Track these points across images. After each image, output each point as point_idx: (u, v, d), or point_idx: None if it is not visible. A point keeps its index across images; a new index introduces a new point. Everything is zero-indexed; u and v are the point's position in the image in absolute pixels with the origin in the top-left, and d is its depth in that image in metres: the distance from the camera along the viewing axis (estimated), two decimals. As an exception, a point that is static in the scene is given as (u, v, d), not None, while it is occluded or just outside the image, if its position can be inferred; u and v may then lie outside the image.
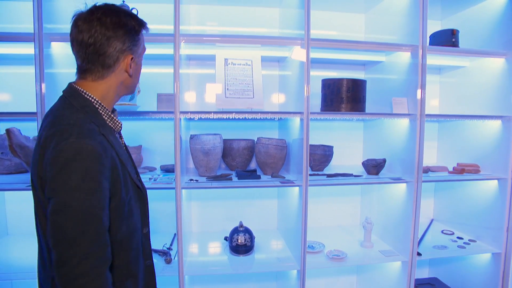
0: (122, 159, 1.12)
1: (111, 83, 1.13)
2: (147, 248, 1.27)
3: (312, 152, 2.29)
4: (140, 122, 2.47)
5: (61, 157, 0.94)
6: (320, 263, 2.11)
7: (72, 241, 0.93)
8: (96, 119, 1.07)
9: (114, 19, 1.09)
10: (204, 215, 2.59)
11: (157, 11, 2.30)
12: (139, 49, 1.18)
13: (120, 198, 1.07)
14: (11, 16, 2.31)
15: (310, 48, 1.95)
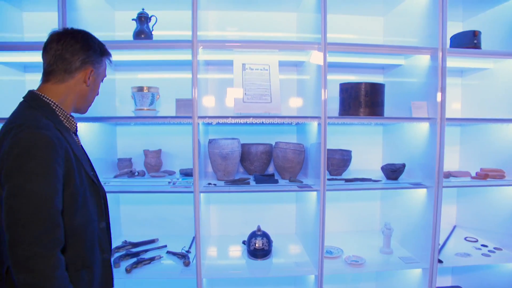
0: (77, 153, 1.20)
1: (69, 89, 1.25)
2: (105, 242, 1.34)
3: (330, 157, 2.28)
4: (160, 127, 2.52)
5: (18, 145, 1.03)
6: (338, 269, 2.09)
7: (25, 222, 0.99)
8: (52, 118, 1.18)
9: (85, 37, 1.28)
10: (223, 219, 2.61)
11: (176, 18, 2.35)
12: (100, 69, 1.33)
13: (74, 186, 1.15)
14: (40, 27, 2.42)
15: (327, 52, 1.95)
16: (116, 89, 2.50)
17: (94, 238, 1.27)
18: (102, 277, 1.30)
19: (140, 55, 2.23)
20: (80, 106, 1.33)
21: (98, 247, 1.29)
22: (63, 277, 1.05)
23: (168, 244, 2.38)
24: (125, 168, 2.34)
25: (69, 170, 1.14)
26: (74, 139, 1.27)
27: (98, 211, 1.32)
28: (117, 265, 2.07)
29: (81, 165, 1.22)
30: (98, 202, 1.32)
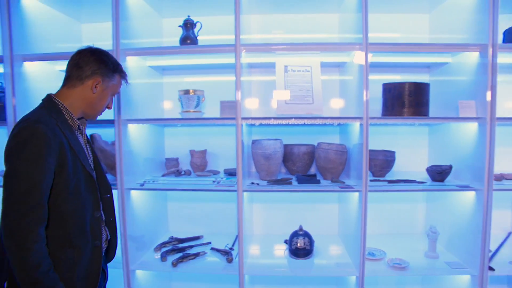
0: (74, 148, 1.37)
1: (78, 94, 1.43)
2: (97, 230, 1.47)
3: (373, 158, 2.26)
4: (205, 128, 2.62)
5: (19, 135, 1.24)
6: (380, 271, 2.06)
7: (15, 199, 1.21)
8: (57, 116, 1.37)
9: (101, 53, 1.47)
10: (265, 218, 2.66)
11: (220, 23, 2.43)
12: (110, 83, 1.49)
13: (66, 175, 1.32)
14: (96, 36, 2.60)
15: (368, 52, 1.93)
16: (164, 92, 2.63)
17: (85, 224, 1.42)
18: (90, 261, 1.43)
19: (186, 60, 2.33)
20: (87, 112, 1.49)
21: (90, 233, 1.43)
22: (40, 251, 1.22)
23: (212, 241, 2.46)
24: (172, 168, 2.47)
25: (63, 161, 1.31)
26: (76, 136, 1.43)
27: (94, 201, 1.47)
28: (164, 258, 2.19)
29: (77, 158, 1.38)
30: (93, 194, 1.47)
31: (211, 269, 2.14)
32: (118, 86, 1.57)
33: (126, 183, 2.06)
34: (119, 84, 1.57)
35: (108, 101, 1.54)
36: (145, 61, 2.32)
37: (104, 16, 2.49)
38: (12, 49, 2.09)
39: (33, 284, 1.20)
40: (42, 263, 1.22)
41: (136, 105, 2.18)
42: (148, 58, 2.29)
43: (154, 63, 2.40)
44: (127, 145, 2.08)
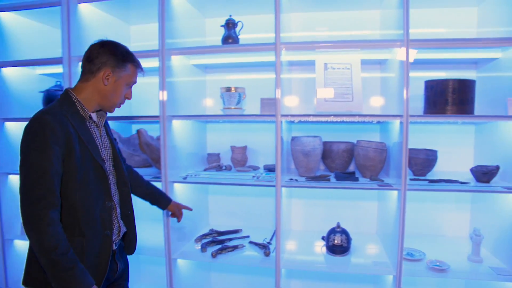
0: (83, 138, 1.41)
1: (92, 87, 1.47)
2: (108, 220, 1.50)
3: (414, 156, 2.22)
4: (246, 124, 2.69)
5: (28, 126, 1.32)
6: (418, 271, 2.02)
7: (27, 188, 1.28)
8: (68, 108, 1.41)
9: (111, 45, 1.49)
10: (303, 214, 2.69)
11: (261, 21, 2.49)
12: (121, 73, 1.49)
13: (74, 164, 1.36)
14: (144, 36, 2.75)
15: (409, 49, 1.90)
16: (207, 90, 2.73)
17: (95, 213, 1.45)
18: (99, 250, 1.46)
19: (228, 58, 2.41)
20: (103, 104, 1.51)
21: (100, 222, 1.46)
22: (55, 234, 1.27)
23: (250, 234, 2.53)
24: (213, 162, 2.56)
25: (70, 150, 1.35)
26: (87, 127, 1.47)
27: (105, 191, 1.50)
28: (204, 249, 2.28)
29: (86, 149, 1.42)
30: (104, 184, 1.50)
31: (248, 261, 2.21)
32: (133, 76, 1.55)
33: (170, 176, 2.18)
34: (133, 74, 1.55)
35: (124, 92, 1.54)
36: (189, 60, 2.42)
37: (151, 18, 2.64)
38: (70, 50, 2.26)
39: (52, 265, 1.26)
40: (59, 245, 1.27)
41: (180, 101, 2.28)
42: (191, 57, 2.39)
43: (197, 61, 2.50)
44: (171, 140, 2.19)
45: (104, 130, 1.60)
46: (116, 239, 1.58)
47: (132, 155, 2.59)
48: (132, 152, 2.60)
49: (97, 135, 1.54)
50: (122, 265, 1.66)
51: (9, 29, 2.55)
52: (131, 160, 2.60)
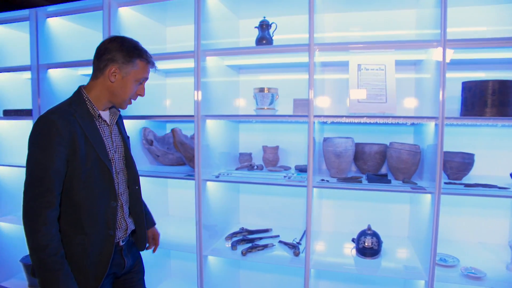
0: (90, 138, 1.41)
1: (100, 84, 1.47)
2: (111, 220, 1.50)
3: (449, 160, 2.17)
4: (277, 124, 2.71)
5: (35, 125, 1.34)
6: (451, 278, 1.97)
7: (29, 184, 1.32)
8: (77, 107, 1.42)
9: (116, 40, 1.47)
10: (333, 215, 2.68)
11: (294, 22, 2.50)
12: (128, 69, 1.46)
13: (78, 164, 1.38)
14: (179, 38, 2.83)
15: (446, 49, 1.85)
16: (240, 90, 2.78)
17: (98, 213, 1.45)
18: (102, 247, 1.47)
19: (261, 59, 2.44)
20: (113, 101, 1.51)
21: (103, 222, 1.47)
22: (48, 234, 1.29)
23: (280, 234, 2.55)
24: (245, 162, 2.60)
25: (74, 150, 1.37)
26: (95, 126, 1.47)
27: (110, 191, 1.49)
28: (234, 247, 2.32)
29: (92, 148, 1.42)
30: (109, 185, 1.49)
31: (278, 261, 2.23)
32: (142, 72, 1.52)
33: (203, 174, 2.23)
34: (142, 70, 1.51)
35: (133, 88, 1.51)
36: (223, 60, 2.47)
37: (186, 20, 2.71)
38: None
39: (39, 264, 1.29)
40: (49, 246, 1.28)
41: (213, 101, 2.34)
42: (226, 58, 2.43)
43: (231, 62, 2.54)
44: (205, 139, 2.25)
45: (116, 128, 1.61)
46: (122, 237, 1.59)
47: (166, 153, 2.67)
48: (166, 151, 2.68)
49: (107, 134, 1.53)
50: (131, 260, 1.67)
51: (56, 33, 2.70)
52: (165, 158, 2.69)
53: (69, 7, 2.51)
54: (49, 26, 2.65)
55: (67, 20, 2.74)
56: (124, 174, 1.62)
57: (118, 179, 1.57)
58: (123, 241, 1.60)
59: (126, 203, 1.62)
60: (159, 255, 2.60)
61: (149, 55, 1.54)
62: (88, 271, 1.44)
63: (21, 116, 2.75)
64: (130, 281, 1.71)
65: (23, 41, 2.96)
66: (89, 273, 1.44)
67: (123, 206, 1.60)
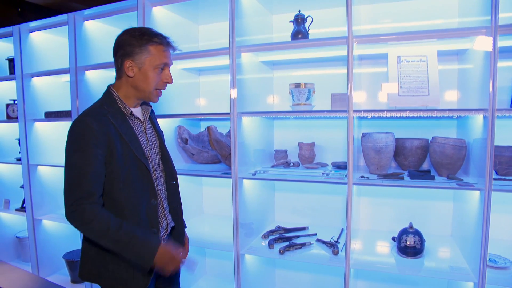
0: (125, 137, 1.40)
1: (124, 82, 1.45)
2: (154, 218, 1.48)
3: (498, 154, 2.05)
4: (313, 120, 2.66)
5: (70, 129, 1.35)
6: (504, 281, 1.85)
7: (69, 188, 1.31)
8: (109, 107, 1.41)
9: (125, 34, 1.43)
10: (372, 213, 2.60)
11: (330, 15, 2.44)
12: (143, 58, 1.41)
13: (116, 163, 1.36)
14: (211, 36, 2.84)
15: (498, 35, 1.73)
16: (274, 86, 2.74)
17: (141, 212, 1.44)
18: None
19: (296, 54, 2.39)
20: (140, 95, 1.48)
21: (146, 221, 1.46)
22: (100, 217, 1.30)
23: (317, 232, 2.50)
24: (281, 159, 2.56)
25: (111, 151, 1.36)
26: (129, 125, 1.45)
27: (150, 189, 1.48)
28: (271, 246, 2.29)
29: (128, 147, 1.40)
30: (148, 182, 1.48)
31: (317, 259, 2.18)
32: (158, 57, 1.44)
33: (239, 172, 2.21)
34: (158, 55, 1.44)
35: (155, 77, 1.45)
36: (257, 57, 2.45)
37: (218, 17, 2.71)
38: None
39: (115, 244, 1.32)
40: (110, 224, 1.30)
41: (248, 98, 2.32)
42: (260, 54, 2.41)
43: (265, 58, 2.51)
44: (241, 136, 2.23)
45: (149, 123, 1.59)
46: (164, 235, 1.58)
47: (201, 151, 2.68)
48: (201, 149, 2.69)
49: (141, 131, 1.52)
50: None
51: (92, 35, 2.78)
52: (200, 156, 2.70)
53: (105, 9, 2.57)
54: (86, 29, 2.72)
55: (103, 22, 2.80)
56: (161, 170, 1.61)
57: (156, 176, 1.55)
58: (164, 240, 1.60)
59: (165, 199, 1.61)
60: (194, 253, 2.61)
61: (161, 37, 1.46)
62: (135, 270, 1.44)
63: (61, 117, 2.84)
64: (168, 278, 1.68)
65: (61, 45, 3.06)
66: (136, 273, 1.44)
67: (162, 202, 1.59)
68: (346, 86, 1.94)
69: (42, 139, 3.09)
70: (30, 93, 2.99)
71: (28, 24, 2.89)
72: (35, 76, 2.98)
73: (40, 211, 3.06)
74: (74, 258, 2.98)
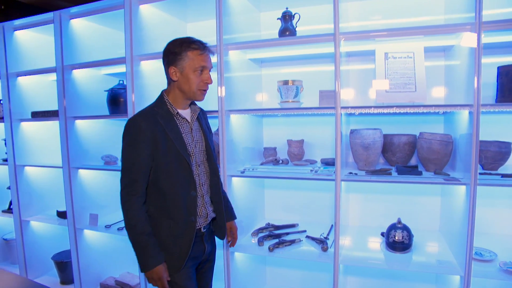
0: (170, 134, 1.59)
1: (172, 87, 1.66)
2: (192, 208, 1.66)
3: (484, 149, 2.08)
4: (302, 118, 2.66)
5: (125, 126, 1.59)
6: (489, 273, 1.88)
7: (122, 175, 1.58)
8: (159, 109, 1.63)
9: (169, 44, 1.64)
10: (361, 209, 2.62)
11: (317, 12, 2.44)
12: (184, 63, 1.59)
13: (160, 157, 1.58)
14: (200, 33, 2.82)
15: (481, 32, 1.76)
16: (262, 84, 2.74)
17: (181, 201, 1.63)
18: (185, 231, 1.64)
19: (284, 51, 2.39)
20: (187, 96, 1.66)
21: (185, 209, 1.64)
22: (136, 216, 1.55)
23: (307, 229, 2.51)
24: (270, 157, 2.57)
25: (157, 146, 1.56)
26: (175, 124, 1.64)
27: (190, 182, 1.65)
28: (261, 243, 2.29)
29: (172, 144, 1.59)
30: (189, 176, 1.65)
31: (306, 256, 2.19)
32: (197, 61, 1.60)
33: (228, 170, 2.21)
34: (196, 59, 1.60)
35: (196, 79, 1.61)
36: (245, 54, 2.44)
37: (207, 15, 2.69)
38: (132, 50, 2.37)
39: (132, 240, 1.57)
40: (137, 226, 1.55)
41: (236, 96, 2.32)
42: (248, 51, 2.41)
43: (253, 55, 2.51)
44: (229, 134, 2.23)
45: (197, 124, 1.76)
46: (203, 223, 1.74)
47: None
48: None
49: (186, 130, 1.69)
50: (210, 247, 1.84)
51: (79, 34, 2.74)
52: (189, 154, 2.68)
53: (91, 7, 2.54)
54: (72, 27, 2.68)
55: (90, 20, 2.77)
56: (205, 166, 1.76)
57: (199, 171, 1.72)
58: (204, 227, 1.75)
59: (207, 193, 1.77)
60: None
61: (198, 43, 1.63)
62: (173, 251, 1.63)
63: (48, 117, 2.81)
64: (205, 268, 1.89)
65: (47, 43, 3.02)
66: (174, 253, 1.64)
67: (203, 195, 1.74)
68: (334, 83, 1.95)
69: (29, 139, 3.05)
70: (16, 92, 2.95)
71: (12, 22, 2.85)
72: (21, 75, 2.94)
73: (28, 212, 3.03)
74: (63, 259, 2.95)
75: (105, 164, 2.74)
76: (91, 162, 2.82)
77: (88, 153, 2.82)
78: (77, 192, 2.74)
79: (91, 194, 2.87)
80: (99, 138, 2.92)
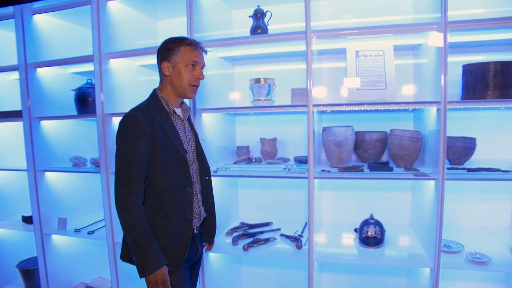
0: (168, 131, 1.57)
1: (164, 83, 1.65)
2: (189, 205, 1.65)
3: (451, 145, 2.14)
4: (275, 116, 2.66)
5: (121, 121, 1.53)
6: (456, 264, 1.95)
7: (118, 173, 1.50)
8: (154, 105, 1.60)
9: (163, 42, 1.64)
10: (335, 206, 2.65)
11: (289, 10, 2.45)
12: (176, 58, 1.60)
13: (159, 153, 1.54)
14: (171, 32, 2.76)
15: (447, 32, 1.81)
16: (235, 82, 2.72)
17: (177, 198, 1.60)
18: (181, 231, 1.62)
19: (257, 49, 2.38)
20: (177, 93, 1.65)
21: (182, 207, 1.62)
22: (136, 215, 1.48)
23: (281, 227, 2.52)
24: (243, 155, 2.55)
25: (155, 142, 1.53)
26: (171, 121, 1.63)
27: (187, 179, 1.64)
28: (235, 243, 2.28)
29: (170, 140, 1.57)
30: (186, 173, 1.64)
31: (281, 254, 2.19)
32: (189, 56, 1.61)
33: (201, 169, 2.17)
34: (188, 54, 1.60)
35: (188, 74, 1.61)
36: (217, 52, 2.41)
37: (177, 12, 2.64)
38: (100, 48, 2.29)
39: (132, 241, 1.48)
40: (139, 226, 1.47)
41: (209, 95, 2.28)
42: (220, 50, 2.38)
43: (225, 54, 2.49)
44: (201, 133, 2.19)
45: (187, 124, 1.76)
46: (197, 224, 1.73)
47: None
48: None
49: (181, 128, 1.69)
50: (201, 248, 1.83)
51: (43, 30, 2.62)
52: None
53: (56, 3, 2.43)
54: (35, 23, 2.57)
55: (55, 16, 2.65)
56: (196, 165, 1.77)
57: (192, 169, 1.71)
58: (197, 228, 1.75)
59: (199, 192, 1.78)
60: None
61: (191, 40, 1.64)
62: (170, 252, 1.59)
63: (11, 117, 2.68)
64: (195, 269, 1.89)
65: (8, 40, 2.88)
66: (170, 254, 1.59)
67: (197, 194, 1.74)
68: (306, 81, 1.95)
69: (-10, 141, 2.90)
70: (-25, 92, 2.80)
71: (-31, 18, 2.70)
72: (-20, 74, 2.79)
73: (-9, 218, 2.89)
74: (29, 266, 2.82)
75: (73, 166, 2.64)
76: (59, 164, 2.71)
77: (55, 155, 2.71)
78: (44, 195, 2.63)
79: (59, 197, 2.76)
80: (67, 139, 2.81)
